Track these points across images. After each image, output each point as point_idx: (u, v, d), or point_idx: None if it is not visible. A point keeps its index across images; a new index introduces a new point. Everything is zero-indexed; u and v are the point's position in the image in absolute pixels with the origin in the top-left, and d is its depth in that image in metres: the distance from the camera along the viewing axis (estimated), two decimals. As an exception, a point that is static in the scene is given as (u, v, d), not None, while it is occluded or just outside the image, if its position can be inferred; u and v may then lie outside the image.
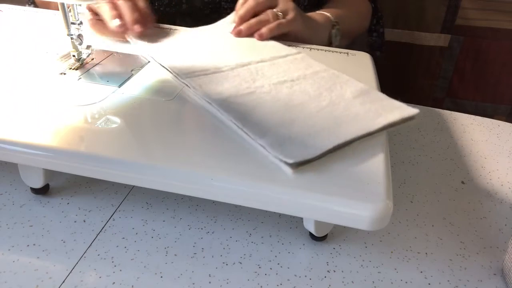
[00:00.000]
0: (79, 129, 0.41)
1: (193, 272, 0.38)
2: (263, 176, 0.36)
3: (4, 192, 0.44)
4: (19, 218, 0.41)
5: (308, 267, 0.39)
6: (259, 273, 0.38)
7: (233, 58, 0.54)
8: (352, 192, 0.35)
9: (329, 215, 0.36)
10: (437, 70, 1.10)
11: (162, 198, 0.45)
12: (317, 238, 0.41)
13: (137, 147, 0.39)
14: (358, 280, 0.38)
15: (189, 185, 0.37)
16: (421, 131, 0.62)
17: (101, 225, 0.42)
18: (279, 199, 0.36)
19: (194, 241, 0.41)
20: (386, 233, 0.43)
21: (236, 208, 0.44)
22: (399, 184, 0.50)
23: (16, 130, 0.39)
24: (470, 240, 0.43)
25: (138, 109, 0.44)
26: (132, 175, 0.37)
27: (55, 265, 0.37)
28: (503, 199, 0.49)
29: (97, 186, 0.46)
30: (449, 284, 0.39)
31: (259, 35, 0.61)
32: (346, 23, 0.73)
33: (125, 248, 0.39)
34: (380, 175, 0.37)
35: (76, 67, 0.52)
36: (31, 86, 0.47)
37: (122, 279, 0.36)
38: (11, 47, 0.56)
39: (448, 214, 0.47)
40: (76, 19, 0.50)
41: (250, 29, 0.62)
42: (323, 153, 0.37)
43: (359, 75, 0.56)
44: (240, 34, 0.62)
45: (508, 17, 1.02)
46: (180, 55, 0.56)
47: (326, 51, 0.62)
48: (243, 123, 0.41)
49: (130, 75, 0.51)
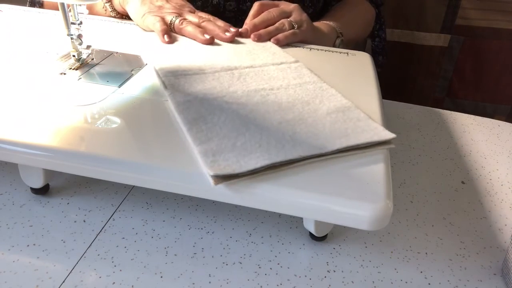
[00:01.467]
0: (79, 129, 0.41)
1: (193, 272, 0.38)
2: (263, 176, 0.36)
3: (4, 192, 0.44)
4: (19, 218, 0.41)
5: (308, 267, 0.39)
6: (259, 273, 0.38)
7: (222, 61, 0.54)
8: (352, 192, 0.35)
9: (329, 215, 0.36)
10: (437, 70, 1.10)
11: (162, 198, 0.45)
12: (317, 238, 0.41)
13: (137, 147, 0.39)
14: (358, 280, 0.38)
15: (189, 185, 0.37)
16: (421, 131, 0.62)
17: (101, 225, 0.42)
18: (279, 199, 0.36)
19: (194, 241, 0.41)
20: (386, 233, 0.43)
21: (236, 208, 0.44)
22: (399, 184, 0.50)
23: (16, 130, 0.39)
24: (470, 240, 0.43)
25: (138, 109, 0.44)
26: (132, 175, 0.37)
27: (55, 265, 0.37)
28: (503, 199, 0.49)
29: (97, 186, 0.46)
30: (449, 284, 0.39)
31: (276, 39, 0.62)
32: (351, 32, 0.75)
33: (125, 248, 0.39)
34: (380, 175, 0.37)
35: (76, 67, 0.52)
36: (31, 86, 0.47)
37: (122, 279, 0.36)
38: (11, 47, 0.56)
39: (448, 214, 0.47)
40: (76, 19, 0.50)
41: (269, 34, 0.63)
42: (254, 169, 0.35)
43: (359, 75, 0.56)
44: (260, 39, 0.63)
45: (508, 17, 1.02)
46: (173, 55, 0.56)
47: (326, 51, 0.62)
48: (188, 127, 0.40)
49: (130, 75, 0.51)
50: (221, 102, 0.45)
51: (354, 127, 0.42)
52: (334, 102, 0.46)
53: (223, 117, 0.42)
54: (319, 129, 0.41)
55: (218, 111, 0.43)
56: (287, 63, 0.55)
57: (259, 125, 0.41)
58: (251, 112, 0.43)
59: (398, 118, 0.64)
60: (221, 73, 0.51)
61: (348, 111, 0.45)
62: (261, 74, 0.52)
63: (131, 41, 0.61)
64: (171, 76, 0.49)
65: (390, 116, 0.63)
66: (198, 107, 0.43)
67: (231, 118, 0.42)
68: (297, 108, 0.45)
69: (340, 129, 0.42)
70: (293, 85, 0.49)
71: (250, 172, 0.35)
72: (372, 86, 0.53)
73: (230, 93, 0.47)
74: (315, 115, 0.44)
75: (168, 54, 0.56)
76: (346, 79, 0.54)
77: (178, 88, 0.47)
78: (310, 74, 0.52)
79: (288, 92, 0.48)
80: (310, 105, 0.46)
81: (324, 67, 0.57)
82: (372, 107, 0.47)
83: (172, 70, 0.50)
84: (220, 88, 0.47)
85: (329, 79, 0.52)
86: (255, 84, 0.49)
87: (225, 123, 0.41)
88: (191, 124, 0.41)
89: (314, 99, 0.47)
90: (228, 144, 0.38)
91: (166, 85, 0.47)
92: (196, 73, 0.51)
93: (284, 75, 0.52)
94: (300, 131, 0.41)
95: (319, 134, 0.41)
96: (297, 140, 0.39)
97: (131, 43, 0.59)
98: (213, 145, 0.38)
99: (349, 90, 0.50)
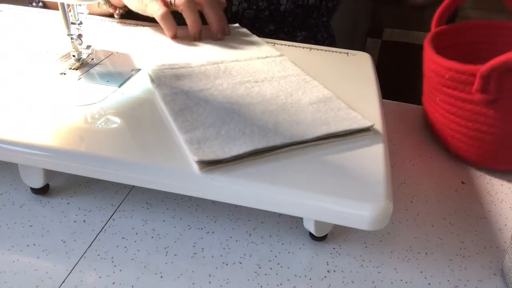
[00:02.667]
0: (79, 129, 0.41)
1: (193, 272, 0.38)
2: (263, 176, 0.36)
3: (4, 192, 0.44)
4: (19, 218, 0.41)
5: (308, 267, 0.39)
6: (259, 273, 0.38)
7: (209, 56, 0.55)
8: (352, 192, 0.35)
9: (329, 215, 0.36)
10: (437, 70, 1.10)
11: (162, 198, 0.45)
12: (317, 238, 0.41)
13: (137, 147, 0.39)
14: (358, 280, 0.38)
15: (189, 185, 0.37)
16: (421, 131, 0.61)
17: (101, 225, 0.42)
18: (279, 199, 0.36)
19: (194, 241, 0.41)
20: (386, 233, 0.43)
21: (236, 208, 0.45)
22: (399, 184, 0.50)
23: (16, 130, 0.39)
24: (470, 240, 0.43)
25: (138, 109, 0.44)
26: (132, 175, 0.37)
27: (55, 265, 0.37)
28: (503, 199, 0.49)
29: (97, 186, 0.46)
30: (449, 284, 0.39)
31: (222, 32, 0.62)
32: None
33: (125, 248, 0.39)
34: (380, 175, 0.37)
35: (76, 67, 0.52)
36: (31, 86, 0.47)
37: (122, 279, 0.36)
38: (11, 47, 0.56)
39: (448, 214, 0.47)
40: (76, 19, 0.50)
41: (214, 26, 0.62)
42: (237, 155, 0.37)
43: (359, 75, 0.56)
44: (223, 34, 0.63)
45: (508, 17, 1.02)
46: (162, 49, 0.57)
47: (326, 51, 0.62)
48: (174, 117, 0.41)
49: (130, 75, 0.51)
50: (206, 94, 0.46)
51: (334, 116, 0.44)
52: (316, 93, 0.48)
53: (209, 107, 0.43)
54: (301, 118, 0.43)
55: (204, 102, 0.44)
56: (272, 56, 0.57)
57: (243, 115, 0.43)
58: (235, 103, 0.45)
59: (398, 118, 0.64)
60: (207, 67, 0.52)
61: (329, 101, 0.46)
62: (246, 67, 0.53)
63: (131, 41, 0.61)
64: (158, 70, 0.50)
65: (390, 116, 0.63)
66: (184, 99, 0.45)
67: (216, 109, 0.43)
68: (281, 99, 0.46)
69: (321, 118, 0.43)
70: (277, 78, 0.51)
71: (234, 158, 0.37)
72: (372, 86, 0.53)
73: (216, 86, 0.48)
74: (297, 105, 0.45)
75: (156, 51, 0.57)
76: (346, 79, 0.54)
77: (164, 81, 0.48)
78: (294, 67, 0.54)
79: (272, 84, 0.49)
80: (293, 96, 0.47)
81: (324, 67, 0.57)
82: (372, 107, 0.47)
83: (158, 64, 0.51)
84: (206, 81, 0.49)
85: (328, 79, 0.52)
86: (240, 77, 0.51)
87: (210, 113, 0.42)
88: (177, 114, 0.42)
89: (297, 90, 0.48)
90: (212, 132, 0.39)
91: (153, 78, 0.49)
92: (183, 67, 0.52)
93: (269, 68, 0.53)
94: (282, 120, 0.42)
95: (301, 123, 0.42)
96: (279, 129, 0.41)
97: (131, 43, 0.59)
98: (198, 134, 0.39)
99: (349, 90, 0.50)
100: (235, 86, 0.48)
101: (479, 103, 0.49)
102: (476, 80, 0.48)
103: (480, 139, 0.51)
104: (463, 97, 0.50)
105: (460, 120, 0.52)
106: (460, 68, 0.49)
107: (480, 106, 0.49)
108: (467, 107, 0.51)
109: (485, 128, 0.50)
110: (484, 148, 0.51)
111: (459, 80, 0.50)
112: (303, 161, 0.38)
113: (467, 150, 0.53)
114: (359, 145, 0.41)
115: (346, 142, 0.41)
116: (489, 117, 0.49)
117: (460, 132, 0.53)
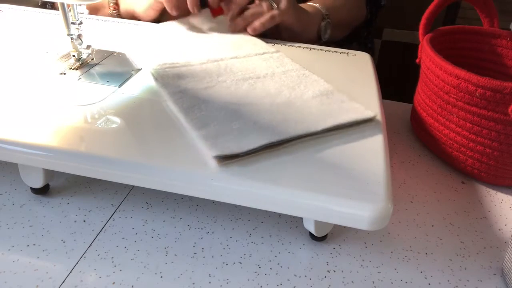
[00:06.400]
0: (79, 129, 0.41)
1: (193, 272, 0.38)
2: (263, 177, 0.36)
3: (4, 192, 0.44)
4: (19, 218, 0.41)
5: (308, 267, 0.39)
6: (259, 273, 0.38)
7: (208, 53, 0.56)
8: (352, 192, 0.35)
9: (329, 215, 0.36)
10: (437, 70, 1.10)
11: (162, 198, 0.45)
12: (317, 238, 0.41)
13: (137, 147, 0.39)
14: (358, 280, 0.38)
15: (189, 185, 0.37)
16: (421, 131, 0.61)
17: (101, 225, 0.42)
18: (279, 199, 0.36)
19: (194, 241, 0.41)
20: (386, 233, 0.43)
21: (236, 208, 0.45)
22: (399, 184, 0.50)
23: (16, 130, 0.39)
24: (470, 240, 0.43)
25: (138, 109, 0.44)
26: (132, 175, 0.37)
27: (55, 265, 0.37)
28: (503, 199, 0.49)
29: (97, 186, 0.46)
30: (449, 284, 0.39)
31: (252, 29, 0.61)
32: (337, 14, 0.71)
33: (125, 248, 0.39)
34: (380, 175, 0.37)
35: (76, 67, 0.52)
36: (31, 86, 0.47)
37: (122, 279, 0.36)
38: (11, 47, 0.56)
39: (448, 214, 0.47)
40: (76, 19, 0.50)
41: (245, 21, 0.62)
42: (253, 149, 0.38)
43: (359, 75, 0.56)
44: (237, 28, 0.62)
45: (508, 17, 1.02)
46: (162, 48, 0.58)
47: (326, 51, 0.62)
48: (185, 115, 0.42)
49: (130, 75, 0.51)
50: (211, 91, 0.47)
51: (339, 108, 0.45)
52: (318, 87, 0.49)
53: (216, 104, 0.44)
54: (308, 111, 0.44)
55: (211, 99, 0.45)
56: (269, 53, 0.58)
57: (252, 110, 0.44)
58: (242, 99, 0.46)
59: (398, 118, 0.64)
60: (208, 65, 0.53)
61: (331, 94, 0.48)
62: (246, 64, 0.54)
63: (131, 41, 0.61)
64: (160, 69, 0.51)
65: (390, 116, 0.63)
66: (191, 96, 0.45)
67: (224, 105, 0.44)
68: (285, 94, 0.48)
69: (327, 110, 0.45)
70: (278, 73, 0.52)
71: (249, 152, 0.38)
72: (372, 86, 0.53)
73: (220, 83, 0.49)
74: (301, 99, 0.47)
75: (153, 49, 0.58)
76: (346, 79, 0.54)
77: (168, 80, 0.48)
78: (292, 63, 0.55)
79: (274, 80, 0.51)
80: (296, 90, 0.49)
81: (324, 67, 0.57)
82: (372, 107, 0.47)
83: (160, 64, 0.52)
84: (209, 79, 0.50)
85: (329, 79, 0.52)
86: (242, 73, 0.51)
87: (219, 110, 0.43)
88: (187, 112, 0.43)
89: (299, 84, 0.50)
90: (225, 128, 0.40)
91: (156, 77, 0.49)
92: (184, 65, 0.52)
93: (268, 64, 0.55)
94: (290, 113, 0.44)
95: (309, 115, 0.44)
96: (289, 121, 0.42)
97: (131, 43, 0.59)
98: (211, 130, 0.40)
99: (349, 90, 0.50)
100: (238, 82, 0.49)
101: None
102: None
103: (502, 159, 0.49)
104: (493, 116, 0.47)
105: (484, 140, 0.49)
106: (496, 86, 0.45)
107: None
108: (497, 127, 0.47)
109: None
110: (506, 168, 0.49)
111: (492, 98, 0.46)
112: (304, 161, 0.38)
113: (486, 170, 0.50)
114: (359, 145, 0.41)
115: (346, 142, 0.41)
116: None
117: (479, 151, 0.50)
